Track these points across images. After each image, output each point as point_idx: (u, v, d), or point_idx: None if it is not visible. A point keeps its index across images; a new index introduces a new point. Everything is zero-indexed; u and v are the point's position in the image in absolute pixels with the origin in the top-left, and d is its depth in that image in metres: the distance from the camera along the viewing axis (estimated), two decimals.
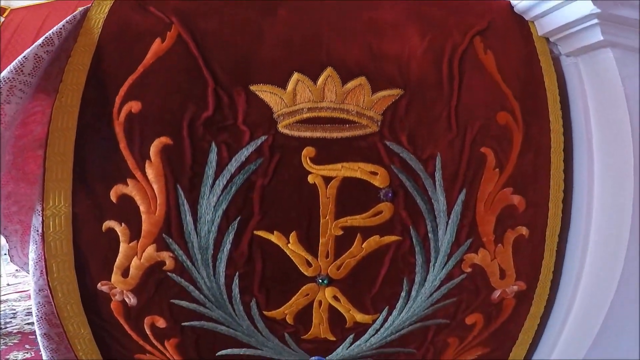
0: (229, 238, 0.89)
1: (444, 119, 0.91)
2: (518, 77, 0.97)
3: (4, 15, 1.17)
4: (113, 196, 0.89)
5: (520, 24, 1.01)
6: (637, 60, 1.01)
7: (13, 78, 0.89)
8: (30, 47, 0.91)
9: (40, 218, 0.92)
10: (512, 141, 0.94)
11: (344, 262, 0.91)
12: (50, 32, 0.93)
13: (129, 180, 0.89)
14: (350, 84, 0.90)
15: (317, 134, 0.89)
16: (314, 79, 0.90)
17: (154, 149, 0.88)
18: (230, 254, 0.90)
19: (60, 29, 0.93)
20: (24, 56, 0.91)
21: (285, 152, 0.88)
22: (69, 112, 0.91)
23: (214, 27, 0.90)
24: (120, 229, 0.90)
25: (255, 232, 0.89)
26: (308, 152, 0.88)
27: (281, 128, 0.88)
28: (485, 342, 1.04)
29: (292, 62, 0.90)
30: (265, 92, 0.89)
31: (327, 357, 1.01)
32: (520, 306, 1.02)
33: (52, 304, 0.97)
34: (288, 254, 0.90)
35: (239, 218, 0.88)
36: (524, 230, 0.96)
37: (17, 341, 2.06)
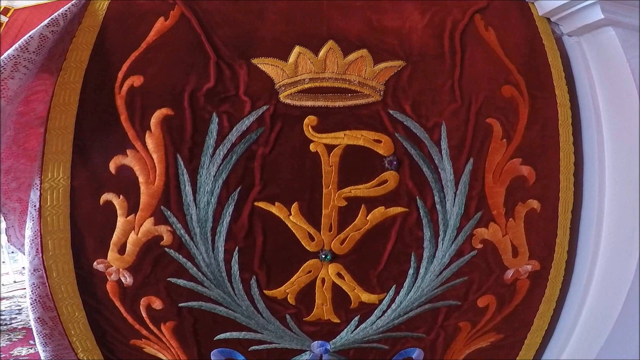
0: (229, 210, 0.86)
1: (448, 90, 0.89)
2: (521, 53, 0.96)
3: (8, 15, 1.20)
4: (112, 167, 0.88)
5: (520, 4, 1.01)
6: (637, 39, 1.00)
7: (18, 55, 0.90)
8: (36, 28, 0.93)
9: (38, 192, 0.90)
10: (518, 113, 0.92)
11: (348, 236, 0.88)
12: (55, 13, 0.95)
13: (128, 151, 0.88)
14: (351, 56, 0.89)
15: (319, 103, 0.87)
16: (316, 52, 0.89)
17: (154, 120, 0.87)
18: (229, 227, 0.87)
19: (66, 11, 0.94)
20: (30, 35, 0.92)
21: (286, 121, 0.87)
22: (71, 88, 0.91)
23: (216, 5, 0.92)
24: (118, 201, 0.87)
25: (255, 203, 0.86)
26: (310, 120, 0.87)
27: (283, 98, 0.87)
28: (498, 327, 0.98)
29: (293, 36, 0.90)
30: (266, 65, 0.89)
31: (330, 342, 0.95)
32: (534, 288, 0.97)
33: (47, 285, 0.94)
34: (290, 226, 0.87)
35: (239, 188, 0.86)
36: (535, 204, 0.92)
37: (21, 337, 2.10)
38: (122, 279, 0.91)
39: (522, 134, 0.92)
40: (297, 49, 0.89)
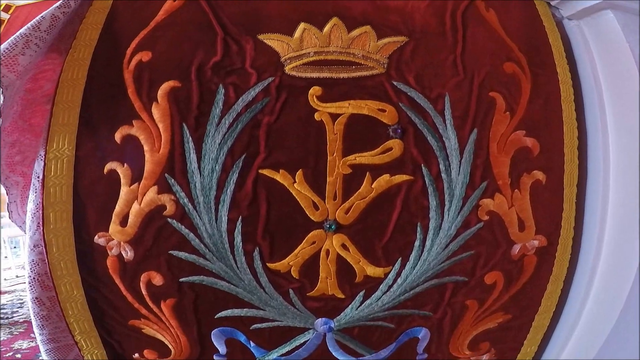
0: (233, 177, 0.86)
1: (450, 64, 0.91)
2: (521, 33, 0.98)
3: (9, 12, 1.24)
4: (117, 137, 0.88)
5: None
6: (637, 22, 1.03)
7: (29, 33, 0.92)
8: (49, 9, 0.96)
9: (42, 163, 0.90)
10: (521, 88, 0.94)
11: (353, 205, 0.87)
12: None
13: (134, 122, 0.88)
14: (355, 32, 0.91)
15: (324, 75, 0.89)
16: (320, 28, 0.92)
17: (161, 92, 0.88)
18: (233, 195, 0.86)
19: None
20: (42, 15, 0.94)
21: (291, 91, 0.88)
22: (79, 65, 0.93)
23: None
24: (122, 169, 0.87)
25: (260, 170, 0.86)
26: (315, 90, 0.88)
27: (288, 70, 0.89)
28: (506, 306, 0.96)
29: (299, 13, 0.92)
30: (272, 40, 0.91)
31: (334, 319, 0.93)
32: (542, 266, 0.95)
33: (46, 261, 0.93)
34: (294, 194, 0.86)
35: (243, 156, 0.86)
36: (540, 175, 0.92)
37: (22, 330, 2.13)
38: (123, 253, 0.89)
39: (525, 108, 0.93)
40: (302, 25, 0.91)
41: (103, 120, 0.90)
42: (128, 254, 0.89)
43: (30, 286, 0.97)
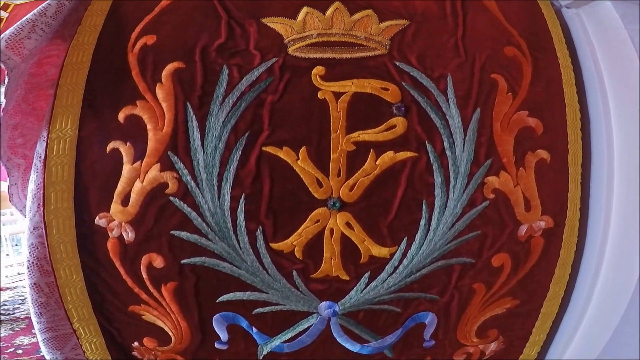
0: (237, 154, 0.85)
1: (451, 47, 0.92)
2: (521, 20, 1.00)
3: (8, 10, 1.26)
4: (121, 117, 0.88)
5: None
6: (636, 11, 1.04)
7: (36, 19, 0.94)
8: None
9: (45, 143, 0.90)
10: (522, 71, 0.94)
11: (357, 182, 0.86)
12: None
13: (138, 102, 0.88)
14: (357, 15, 0.92)
15: (327, 55, 0.89)
16: (323, 12, 0.93)
17: (165, 73, 0.89)
18: (236, 173, 0.85)
19: None
20: (48, 2, 0.96)
21: (295, 71, 0.88)
22: (84, 49, 0.93)
23: None
24: (124, 148, 0.87)
25: (263, 148, 0.86)
26: (318, 70, 0.88)
27: (291, 51, 0.90)
28: (514, 291, 0.94)
29: None
30: (275, 23, 0.92)
31: (339, 302, 0.91)
32: (549, 248, 0.94)
33: (46, 244, 0.91)
34: (297, 171, 0.86)
35: (247, 134, 0.86)
36: (544, 154, 0.91)
37: (24, 326, 2.15)
38: (124, 234, 0.88)
39: (527, 90, 0.93)
40: (305, 9, 0.92)
41: (106, 102, 0.90)
42: (129, 235, 0.88)
43: (29, 271, 0.96)
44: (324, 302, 0.91)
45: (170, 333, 0.96)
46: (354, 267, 0.88)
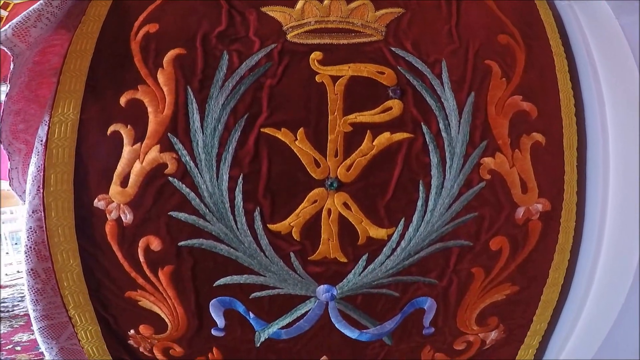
0: (235, 135, 0.87)
1: (445, 33, 0.94)
2: (514, 10, 1.02)
3: (8, 9, 1.30)
4: (122, 101, 0.90)
5: None
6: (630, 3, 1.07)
7: (42, 8, 0.97)
8: None
9: (47, 127, 0.91)
10: (516, 58, 0.96)
11: (354, 162, 0.87)
12: None
13: (139, 87, 0.90)
14: (354, 4, 0.95)
15: (325, 41, 0.92)
16: (320, 1, 0.95)
17: (167, 59, 0.91)
18: (235, 153, 0.86)
19: None
20: None
21: (293, 56, 0.90)
22: (88, 38, 0.96)
23: None
24: (125, 130, 0.88)
25: (262, 129, 0.87)
26: (316, 55, 0.90)
27: (290, 38, 0.92)
28: (513, 277, 0.94)
29: None
30: (275, 12, 0.95)
31: (336, 286, 0.90)
32: (547, 232, 0.94)
33: (44, 228, 0.92)
34: (295, 152, 0.87)
35: (246, 115, 0.87)
36: (539, 137, 0.92)
37: (23, 323, 2.18)
38: (122, 216, 0.89)
39: (521, 76, 0.95)
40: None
41: (109, 87, 0.92)
42: (127, 217, 0.88)
43: (27, 256, 0.96)
44: (322, 285, 0.90)
45: (166, 320, 0.95)
46: (351, 249, 0.88)
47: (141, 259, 0.90)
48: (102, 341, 1.00)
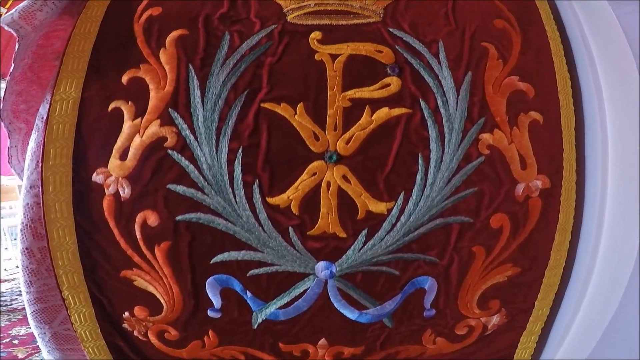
0: (236, 110, 0.87)
1: (442, 16, 0.96)
2: None
3: (6, 6, 1.34)
4: (124, 79, 0.91)
5: None
6: None
7: None
8: None
9: (48, 105, 0.92)
10: (512, 42, 0.98)
11: (354, 135, 0.87)
12: None
13: (141, 66, 0.92)
14: None
15: (324, 22, 0.94)
16: None
17: (169, 39, 0.93)
18: (235, 127, 0.87)
19: None
20: None
21: (293, 36, 0.92)
22: (92, 21, 0.98)
23: None
24: (126, 106, 0.89)
25: (262, 104, 0.88)
26: (315, 35, 0.92)
27: (290, 19, 0.94)
28: (514, 257, 0.93)
29: None
30: None
31: (336, 263, 0.89)
32: (547, 211, 0.93)
33: (41, 204, 0.91)
34: (295, 125, 0.87)
35: (246, 91, 0.88)
36: (537, 116, 0.93)
37: (21, 317, 2.22)
38: (120, 190, 0.88)
39: (517, 58, 0.96)
40: None
41: (111, 67, 0.93)
42: (125, 190, 0.88)
43: (22, 234, 0.95)
44: (321, 262, 0.89)
45: (161, 300, 0.93)
46: (351, 224, 0.87)
47: (138, 235, 0.89)
48: (95, 324, 0.97)
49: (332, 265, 0.89)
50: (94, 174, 0.89)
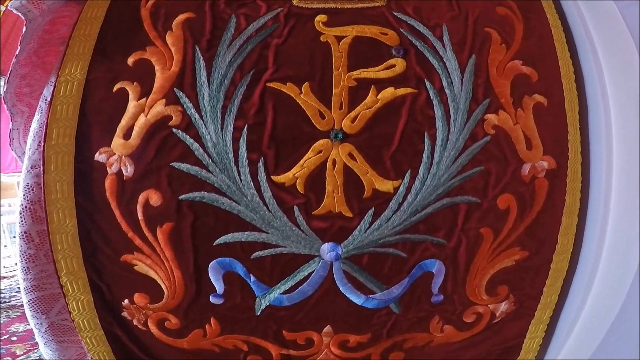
0: (241, 89, 0.87)
1: (445, 1, 0.97)
2: None
3: (5, 4, 1.35)
4: (130, 61, 0.91)
5: None
6: None
7: None
8: None
9: (52, 87, 0.92)
10: (514, 28, 0.99)
11: (359, 114, 0.87)
12: None
13: (148, 48, 0.92)
14: None
15: (329, 5, 0.95)
16: None
17: (176, 22, 0.93)
18: (240, 105, 0.87)
19: None
20: None
21: (299, 19, 0.93)
22: (99, 7, 0.99)
23: None
24: (132, 87, 0.89)
25: (267, 84, 0.88)
26: (320, 17, 0.93)
27: (296, 3, 0.95)
28: (522, 240, 0.92)
29: None
30: None
31: (342, 244, 0.87)
32: (554, 192, 0.92)
33: (41, 184, 0.90)
34: (300, 104, 0.87)
35: (252, 71, 0.88)
36: (541, 99, 0.93)
37: (19, 314, 2.24)
38: (123, 168, 0.87)
39: (520, 43, 0.97)
40: None
41: (117, 50, 0.93)
42: (128, 169, 0.87)
43: (21, 217, 0.93)
44: (327, 243, 0.87)
45: (162, 286, 0.91)
46: (357, 203, 0.86)
47: (140, 216, 0.88)
48: (94, 313, 0.94)
49: (338, 247, 0.87)
50: (97, 153, 0.88)
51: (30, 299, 0.97)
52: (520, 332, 0.99)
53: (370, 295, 0.90)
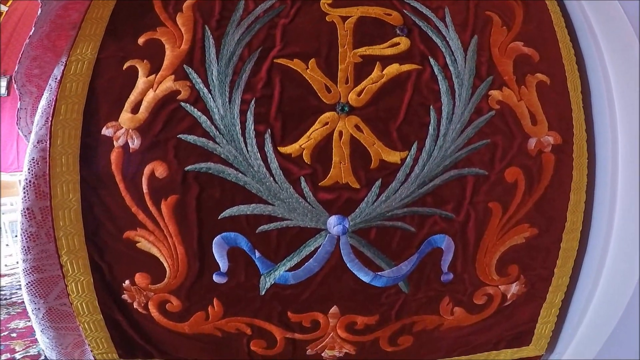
0: (249, 65, 0.89)
1: None
2: None
3: (7, 4, 1.40)
4: (140, 41, 0.93)
5: None
6: None
7: None
8: None
9: (63, 67, 0.93)
10: (514, 12, 1.02)
11: (365, 88, 0.88)
12: None
13: (158, 29, 0.94)
14: None
15: None
16: None
17: (187, 4, 0.95)
18: (248, 80, 0.88)
19: None
20: None
21: (305, 0, 0.96)
22: None
23: None
24: (141, 64, 0.90)
25: (275, 60, 0.89)
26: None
27: None
28: (531, 217, 0.91)
29: None
30: None
31: (349, 217, 0.86)
32: (561, 167, 0.92)
33: (47, 158, 0.90)
34: (307, 78, 0.88)
35: (260, 48, 0.90)
36: (543, 77, 0.95)
37: (20, 310, 2.23)
38: (130, 141, 0.87)
39: (520, 26, 1.00)
40: None
41: (128, 31, 0.96)
42: (135, 142, 0.87)
43: (24, 193, 0.92)
44: (333, 216, 0.86)
45: (165, 264, 0.89)
46: (364, 173, 0.86)
47: (144, 189, 0.87)
48: (93, 295, 0.92)
49: (345, 220, 0.86)
50: (104, 128, 0.89)
51: (29, 282, 0.95)
52: (532, 317, 0.96)
53: (379, 273, 0.88)
